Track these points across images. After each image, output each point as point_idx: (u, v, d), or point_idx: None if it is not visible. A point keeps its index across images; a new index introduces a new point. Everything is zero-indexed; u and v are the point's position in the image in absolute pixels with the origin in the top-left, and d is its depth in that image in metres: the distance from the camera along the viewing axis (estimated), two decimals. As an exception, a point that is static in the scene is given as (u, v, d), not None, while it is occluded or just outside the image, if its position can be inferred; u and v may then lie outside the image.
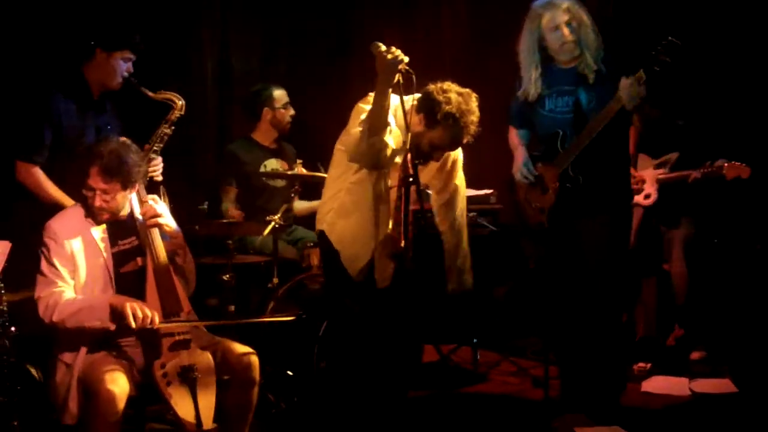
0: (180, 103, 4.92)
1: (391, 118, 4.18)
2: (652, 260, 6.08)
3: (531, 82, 4.80)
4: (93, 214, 4.14)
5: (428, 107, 4.28)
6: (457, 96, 4.28)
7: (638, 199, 5.90)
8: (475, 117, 4.31)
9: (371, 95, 4.21)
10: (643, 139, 6.07)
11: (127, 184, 4.14)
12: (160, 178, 4.94)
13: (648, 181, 5.97)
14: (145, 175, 4.38)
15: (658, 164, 6.01)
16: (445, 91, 4.29)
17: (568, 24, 4.67)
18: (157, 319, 3.97)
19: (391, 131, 4.20)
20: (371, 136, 4.14)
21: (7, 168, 4.77)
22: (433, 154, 4.38)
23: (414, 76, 4.02)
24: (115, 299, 3.97)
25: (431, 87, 4.33)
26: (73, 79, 4.87)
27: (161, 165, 4.94)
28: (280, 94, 6.16)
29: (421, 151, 4.33)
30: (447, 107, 4.25)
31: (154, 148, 4.88)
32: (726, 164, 5.72)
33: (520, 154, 4.97)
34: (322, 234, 4.58)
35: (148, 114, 5.04)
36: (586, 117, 4.68)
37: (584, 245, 4.79)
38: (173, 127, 4.92)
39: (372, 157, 4.21)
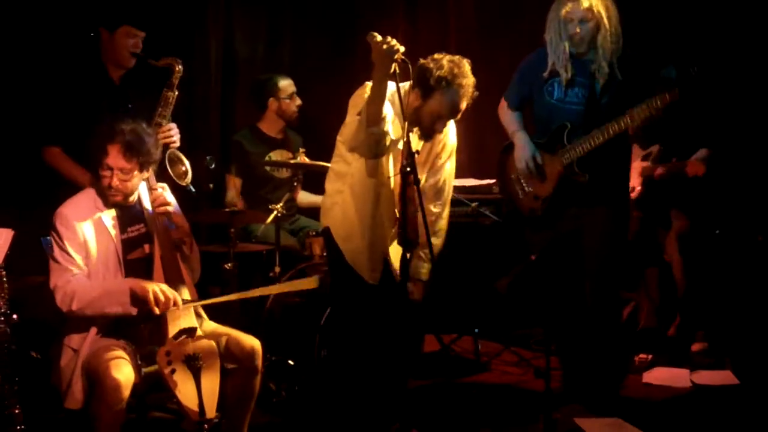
0: (178, 66, 5.03)
1: (389, 108, 4.18)
2: (653, 250, 6.08)
3: (563, 65, 4.81)
4: (105, 196, 4.15)
5: (421, 78, 4.28)
6: (449, 62, 4.29)
7: None
8: (469, 80, 4.30)
9: (368, 84, 4.22)
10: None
11: (145, 165, 4.17)
12: (177, 144, 5.00)
13: (633, 174, 5.93)
14: (157, 161, 4.39)
15: (644, 156, 6.00)
16: (435, 60, 4.31)
17: (583, 21, 4.69)
18: (180, 300, 4.01)
19: (389, 120, 4.20)
20: (370, 126, 4.14)
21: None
22: (435, 126, 4.37)
23: (410, 66, 4.04)
24: (135, 283, 3.99)
25: (422, 60, 4.34)
26: (91, 68, 5.00)
27: (176, 130, 5.04)
28: (285, 84, 6.16)
29: (424, 126, 4.35)
30: (439, 72, 4.25)
31: (163, 113, 4.98)
32: (690, 162, 5.77)
33: (524, 142, 4.96)
34: (327, 231, 4.55)
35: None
36: (598, 112, 4.68)
37: (584, 235, 4.80)
38: (177, 91, 5.02)
39: (371, 146, 4.21)
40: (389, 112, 4.19)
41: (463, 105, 4.34)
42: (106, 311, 3.99)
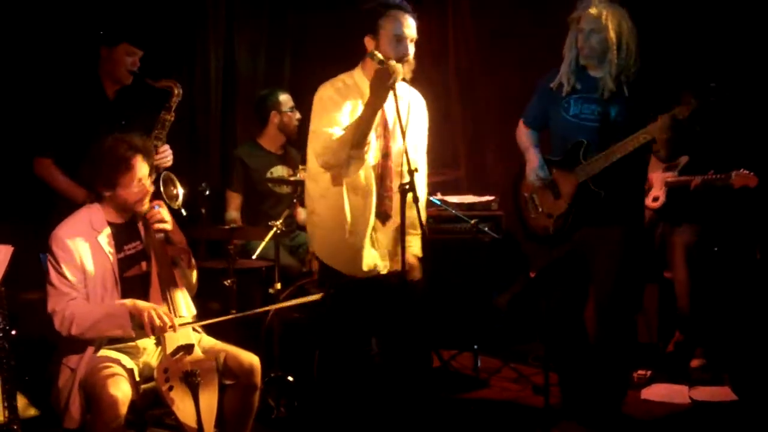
0: (177, 90, 5.10)
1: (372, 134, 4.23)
2: (654, 267, 6.07)
3: (564, 76, 4.81)
4: (127, 209, 4.18)
5: (365, 23, 4.42)
6: None
7: (647, 202, 5.83)
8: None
9: (333, 84, 4.40)
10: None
11: (153, 167, 4.30)
12: (169, 164, 5.04)
13: (656, 184, 5.92)
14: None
15: (668, 167, 5.96)
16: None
17: (591, 33, 4.66)
18: (176, 324, 4.00)
19: (372, 146, 4.26)
20: (353, 148, 4.17)
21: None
22: (400, 53, 4.39)
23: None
24: (133, 306, 3.97)
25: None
26: (87, 82, 5.04)
27: (170, 151, 5.09)
28: (285, 98, 6.18)
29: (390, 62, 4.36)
30: (369, 5, 4.44)
31: (159, 135, 5.04)
32: (735, 172, 5.72)
33: (534, 157, 4.92)
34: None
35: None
36: (612, 129, 4.63)
37: (596, 254, 4.76)
38: (174, 113, 5.09)
39: (347, 167, 4.25)
40: (372, 137, 4.23)
41: (409, 19, 4.45)
42: (106, 334, 3.99)
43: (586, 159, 4.69)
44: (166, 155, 5.06)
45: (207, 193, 5.41)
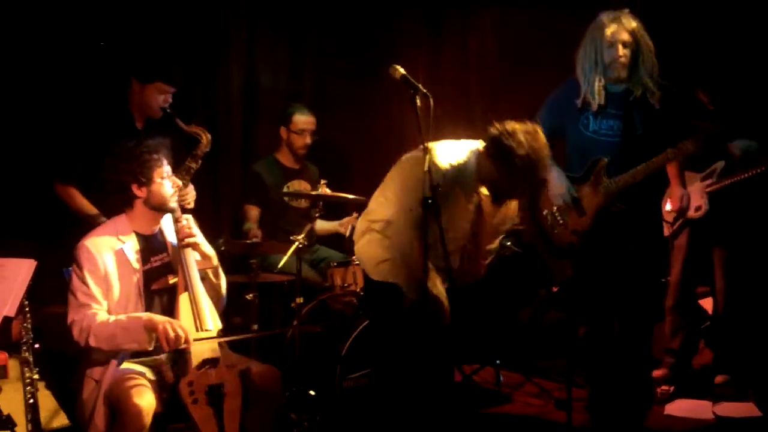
0: (206, 138, 5.02)
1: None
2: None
3: (595, 92, 4.78)
4: (163, 206, 4.21)
5: (501, 155, 4.26)
6: (525, 135, 4.25)
7: (690, 213, 5.73)
8: (546, 150, 4.30)
9: (417, 156, 4.22)
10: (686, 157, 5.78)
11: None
12: (191, 206, 5.00)
13: (695, 194, 5.79)
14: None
15: (705, 176, 5.88)
16: (511, 134, 4.26)
17: (626, 44, 4.66)
18: (191, 338, 4.00)
19: None
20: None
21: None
22: (515, 195, 4.47)
23: (431, 99, 4.00)
24: (149, 321, 3.98)
25: (495, 131, 4.31)
26: (115, 105, 5.03)
27: (193, 194, 5.03)
28: (300, 119, 6.14)
29: (502, 195, 4.44)
30: (521, 151, 4.21)
31: (182, 179, 4.95)
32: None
33: (559, 178, 4.92)
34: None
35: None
36: (634, 144, 4.63)
37: (617, 270, 4.75)
38: (200, 162, 5.02)
39: None
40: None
41: (543, 174, 4.42)
42: (122, 348, 4.00)
43: (610, 175, 4.68)
44: (187, 197, 4.99)
45: (222, 249, 5.33)
